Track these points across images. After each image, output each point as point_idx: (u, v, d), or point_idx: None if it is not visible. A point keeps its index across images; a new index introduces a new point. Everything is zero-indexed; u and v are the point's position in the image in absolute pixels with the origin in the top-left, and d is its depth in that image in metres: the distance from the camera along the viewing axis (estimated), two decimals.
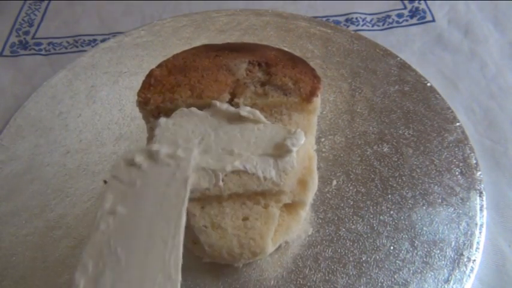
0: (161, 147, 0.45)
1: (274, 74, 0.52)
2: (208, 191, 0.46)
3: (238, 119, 0.50)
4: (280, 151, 0.48)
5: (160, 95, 0.52)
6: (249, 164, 0.48)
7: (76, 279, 0.37)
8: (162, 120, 0.49)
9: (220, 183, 0.47)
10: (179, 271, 0.38)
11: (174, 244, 0.39)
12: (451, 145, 0.60)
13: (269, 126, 0.50)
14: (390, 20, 0.83)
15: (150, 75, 0.54)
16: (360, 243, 0.52)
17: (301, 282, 0.50)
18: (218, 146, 0.49)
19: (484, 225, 0.53)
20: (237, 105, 0.51)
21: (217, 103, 0.50)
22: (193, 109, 0.50)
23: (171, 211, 0.41)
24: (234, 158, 0.48)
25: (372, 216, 0.55)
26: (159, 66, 0.55)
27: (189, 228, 0.47)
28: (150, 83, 0.53)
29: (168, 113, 0.51)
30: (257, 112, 0.49)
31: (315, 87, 0.52)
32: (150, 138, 0.51)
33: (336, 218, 0.55)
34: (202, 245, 0.46)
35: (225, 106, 0.50)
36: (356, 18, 0.83)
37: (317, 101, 0.52)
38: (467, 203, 0.55)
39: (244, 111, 0.49)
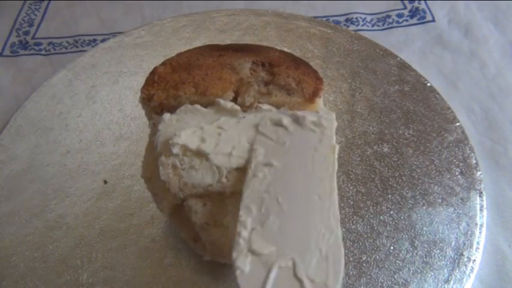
0: (306, 114, 0.47)
1: (277, 74, 0.53)
2: (211, 187, 0.46)
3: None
4: None
5: (164, 91, 0.52)
6: None
7: (242, 216, 0.40)
8: (166, 116, 0.49)
9: (224, 179, 0.47)
10: (339, 225, 0.39)
11: (331, 201, 0.40)
12: (451, 145, 0.60)
13: None
14: (390, 20, 0.83)
15: (153, 72, 0.54)
16: (360, 243, 0.52)
17: None
18: None
19: (484, 225, 0.53)
20: (242, 104, 0.51)
21: (221, 101, 0.50)
22: (198, 106, 0.50)
23: (323, 172, 0.43)
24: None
25: (372, 216, 0.55)
26: (163, 64, 0.55)
27: (190, 225, 0.47)
28: (153, 80, 0.53)
29: (171, 110, 0.50)
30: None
31: (318, 88, 0.52)
32: (153, 135, 0.51)
33: None
34: (204, 242, 0.46)
35: (230, 104, 0.50)
36: (356, 18, 0.83)
37: (319, 101, 0.52)
38: (467, 203, 0.55)
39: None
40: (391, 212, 0.55)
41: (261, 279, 0.36)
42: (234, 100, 0.51)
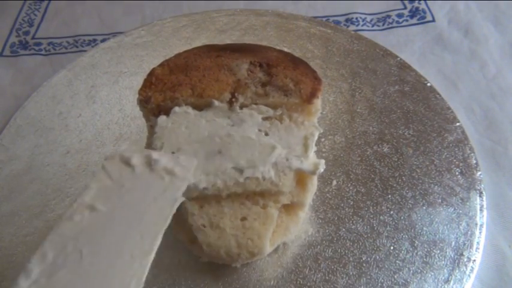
0: (161, 157, 0.43)
1: (275, 74, 0.53)
2: (206, 190, 0.46)
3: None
4: None
5: (161, 93, 0.52)
6: None
7: (31, 264, 0.35)
8: (161, 119, 0.50)
9: (219, 182, 0.47)
10: None
11: (142, 265, 0.36)
12: (451, 145, 0.60)
13: None
14: (390, 20, 0.83)
15: (151, 74, 0.54)
16: (360, 243, 0.52)
17: (301, 282, 0.50)
18: None
19: (484, 225, 0.53)
20: (242, 105, 0.51)
21: (216, 102, 0.50)
22: (190, 109, 0.50)
23: (150, 229, 0.38)
24: None
25: (372, 216, 0.55)
26: (161, 65, 0.55)
27: (187, 227, 0.47)
28: (151, 82, 0.53)
29: (168, 112, 0.51)
30: None
31: (316, 89, 0.52)
32: (150, 136, 0.51)
33: (336, 218, 0.55)
34: (200, 244, 0.46)
35: (226, 106, 0.50)
36: (356, 18, 0.83)
37: (317, 102, 0.52)
38: (467, 203, 0.55)
39: None
40: (391, 212, 0.55)
41: None
42: (231, 101, 0.51)
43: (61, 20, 0.87)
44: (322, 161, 0.49)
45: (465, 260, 0.50)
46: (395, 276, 0.50)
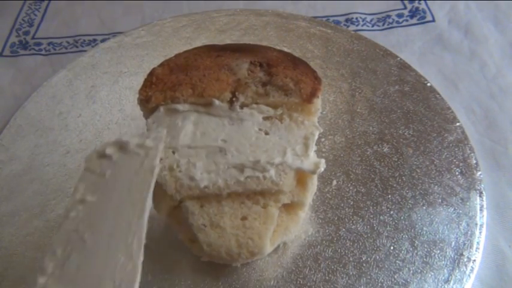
0: (131, 138, 0.46)
1: (275, 74, 0.53)
2: (207, 189, 0.47)
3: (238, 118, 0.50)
4: None
5: (161, 93, 0.52)
6: None
7: (45, 263, 0.38)
8: (152, 119, 0.50)
9: (220, 181, 0.47)
10: (141, 251, 0.39)
11: (138, 225, 0.40)
12: (451, 145, 0.60)
13: None
14: (390, 20, 0.83)
15: (151, 73, 0.54)
16: (360, 243, 0.52)
17: (301, 282, 0.50)
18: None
19: (484, 225, 0.53)
20: (242, 104, 0.51)
21: (218, 102, 0.50)
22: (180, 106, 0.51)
23: (137, 196, 0.42)
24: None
25: (372, 216, 0.55)
26: (161, 65, 0.55)
27: (187, 226, 0.47)
28: (151, 81, 0.53)
29: None
30: None
31: (316, 88, 0.52)
32: None
33: (336, 218, 0.55)
34: (201, 243, 0.46)
35: (226, 106, 0.50)
36: (356, 18, 0.83)
37: (317, 102, 0.52)
38: (467, 203, 0.55)
39: None
40: (391, 212, 0.55)
41: None
42: (231, 101, 0.51)
43: (61, 20, 0.87)
44: (323, 160, 0.49)
45: (465, 260, 0.50)
46: (395, 276, 0.50)
